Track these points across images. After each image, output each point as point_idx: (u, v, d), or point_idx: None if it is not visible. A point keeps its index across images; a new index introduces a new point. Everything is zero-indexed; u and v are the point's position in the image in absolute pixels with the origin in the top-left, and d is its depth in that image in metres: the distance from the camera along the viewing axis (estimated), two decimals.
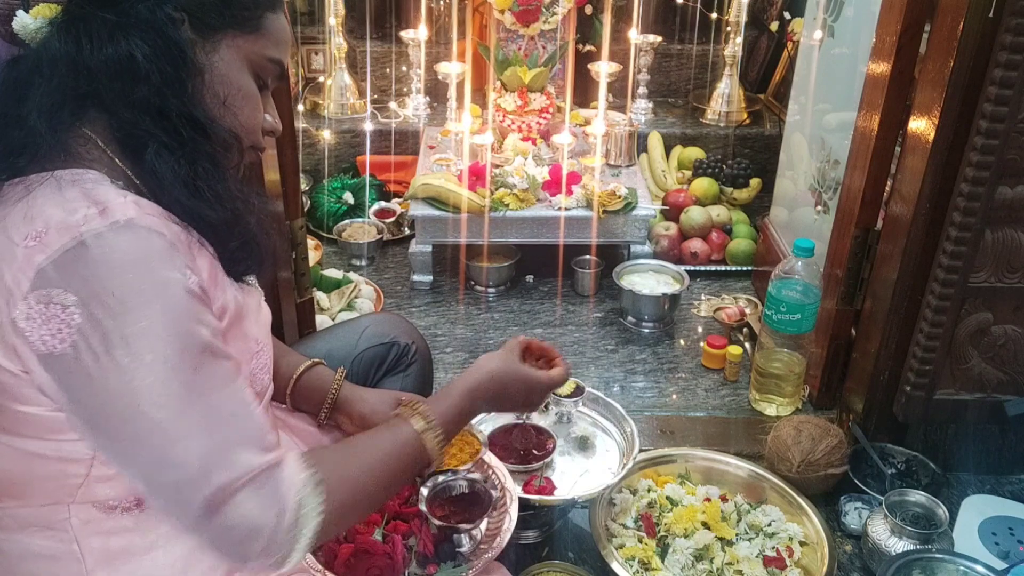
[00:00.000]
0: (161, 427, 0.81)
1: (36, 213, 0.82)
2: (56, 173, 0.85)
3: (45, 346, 0.80)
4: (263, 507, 0.83)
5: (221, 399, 0.85)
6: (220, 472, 0.81)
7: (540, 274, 2.60)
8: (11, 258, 0.80)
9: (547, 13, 2.80)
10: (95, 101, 0.88)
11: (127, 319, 0.80)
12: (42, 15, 0.93)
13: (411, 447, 1.03)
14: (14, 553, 0.94)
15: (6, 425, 0.87)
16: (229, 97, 0.93)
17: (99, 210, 0.81)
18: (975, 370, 1.70)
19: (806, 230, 2.17)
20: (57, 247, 0.79)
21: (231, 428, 0.84)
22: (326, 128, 3.05)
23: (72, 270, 0.79)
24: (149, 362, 0.80)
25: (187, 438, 0.81)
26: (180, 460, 0.81)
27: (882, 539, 1.56)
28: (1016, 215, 1.55)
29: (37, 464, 0.88)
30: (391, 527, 1.22)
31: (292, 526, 0.84)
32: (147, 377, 0.80)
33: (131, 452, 0.82)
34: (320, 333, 1.57)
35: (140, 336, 0.80)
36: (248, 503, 0.82)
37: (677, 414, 2.01)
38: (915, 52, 1.65)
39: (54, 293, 0.79)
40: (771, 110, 3.22)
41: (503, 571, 1.22)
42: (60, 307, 0.79)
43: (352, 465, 0.94)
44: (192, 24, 0.90)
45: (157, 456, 0.81)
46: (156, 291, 0.81)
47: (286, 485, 0.85)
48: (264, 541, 0.83)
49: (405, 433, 1.03)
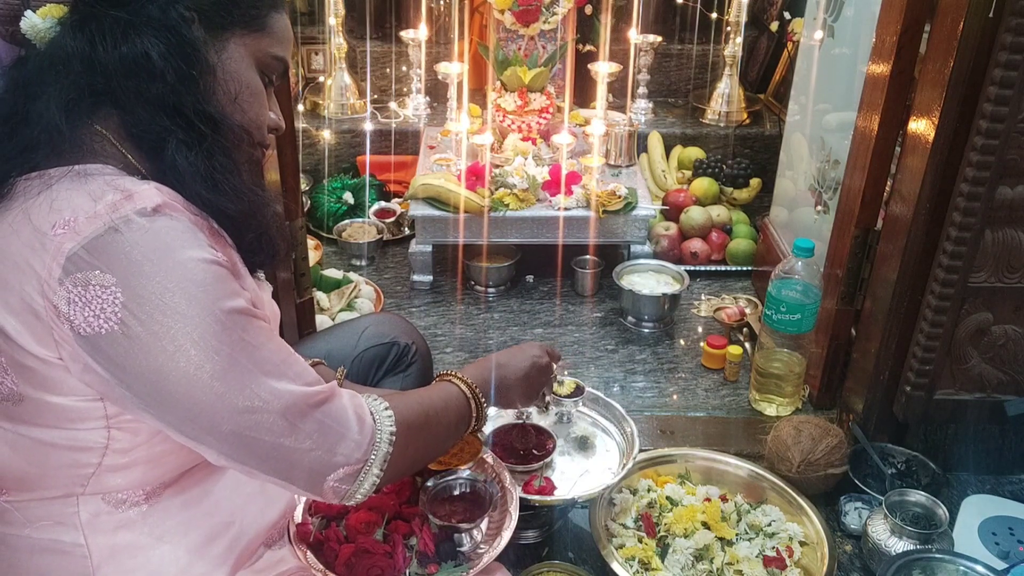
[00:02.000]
0: (228, 386, 0.85)
1: (62, 204, 0.83)
2: (76, 167, 0.87)
3: (91, 327, 0.81)
4: (350, 412, 0.93)
5: (271, 351, 0.89)
6: (303, 394, 0.89)
7: (540, 274, 2.60)
8: (40, 248, 0.82)
9: (547, 13, 2.80)
10: (109, 99, 0.90)
11: (168, 293, 0.82)
12: (51, 15, 0.94)
13: (459, 402, 1.13)
14: (22, 548, 0.95)
15: (25, 415, 0.88)
16: (240, 94, 0.95)
17: (125, 196, 0.83)
18: (975, 370, 1.70)
19: (806, 230, 2.17)
20: (88, 233, 0.81)
21: (292, 370, 0.90)
22: (326, 128, 3.05)
23: (106, 253, 0.81)
24: (199, 325, 0.83)
25: (258, 388, 0.86)
26: (257, 403, 0.86)
27: (882, 539, 1.56)
28: (1016, 215, 1.55)
29: (51, 454, 0.90)
30: (392, 527, 1.22)
31: (371, 439, 0.93)
32: (199, 342, 0.83)
33: (197, 414, 0.85)
34: (320, 333, 1.57)
35: (185, 306, 0.82)
36: (339, 406, 0.92)
37: (677, 414, 2.01)
38: (915, 52, 1.65)
39: (92, 275, 0.81)
40: (771, 110, 3.22)
41: (503, 571, 1.22)
42: (100, 287, 0.81)
43: (415, 404, 1.04)
44: (202, 23, 0.92)
45: (228, 408, 0.85)
46: (190, 267, 0.83)
47: (360, 401, 0.95)
48: (349, 445, 0.91)
49: (454, 391, 1.13)
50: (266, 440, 0.87)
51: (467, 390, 1.14)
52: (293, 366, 0.91)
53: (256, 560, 1.08)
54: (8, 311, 0.84)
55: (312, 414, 0.89)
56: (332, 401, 0.92)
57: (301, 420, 0.88)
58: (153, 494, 0.96)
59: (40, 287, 0.82)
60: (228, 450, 0.87)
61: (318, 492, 0.92)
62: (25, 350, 0.84)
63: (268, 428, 0.86)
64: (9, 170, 0.89)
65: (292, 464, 0.89)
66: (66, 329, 0.82)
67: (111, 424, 0.89)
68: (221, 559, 1.02)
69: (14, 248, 0.84)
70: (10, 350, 0.85)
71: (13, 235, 0.84)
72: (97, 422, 0.88)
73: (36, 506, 0.93)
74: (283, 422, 0.87)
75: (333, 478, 0.91)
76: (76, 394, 0.86)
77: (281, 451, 0.88)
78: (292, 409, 0.88)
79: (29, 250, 0.82)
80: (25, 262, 0.82)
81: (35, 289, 0.82)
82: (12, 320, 0.83)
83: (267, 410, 0.86)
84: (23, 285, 0.82)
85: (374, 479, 0.94)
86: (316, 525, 1.20)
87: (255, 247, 0.99)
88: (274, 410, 0.87)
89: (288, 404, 0.88)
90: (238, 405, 0.85)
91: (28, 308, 0.83)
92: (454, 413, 1.12)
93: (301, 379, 0.91)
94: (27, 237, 0.83)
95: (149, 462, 0.94)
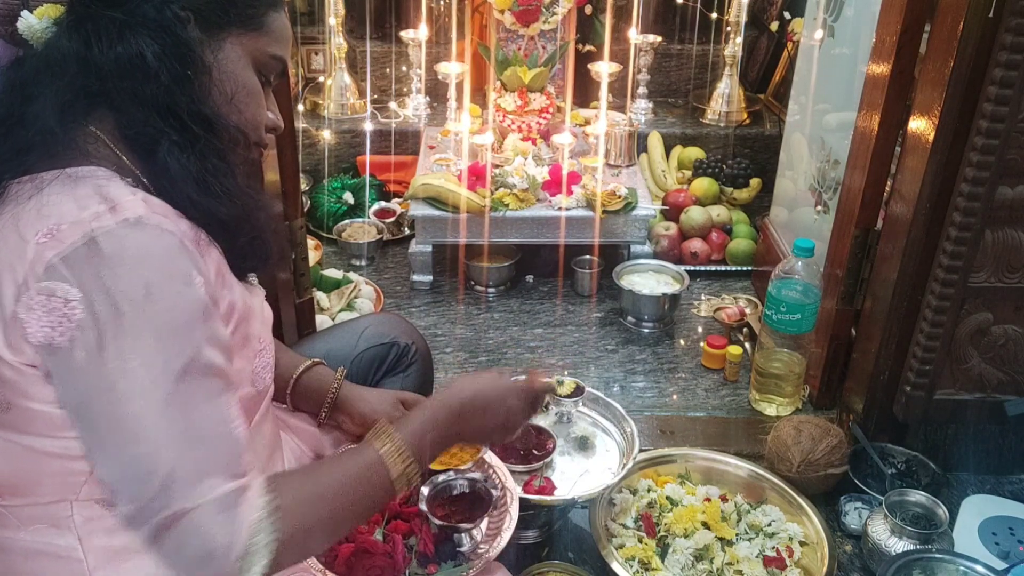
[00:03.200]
0: (135, 437, 0.80)
1: (50, 210, 0.83)
2: (67, 170, 0.86)
3: (44, 337, 0.80)
4: (217, 532, 0.80)
5: (202, 416, 0.83)
6: (182, 493, 0.80)
7: (540, 274, 2.60)
8: (22, 255, 0.81)
9: (547, 13, 2.80)
10: (104, 99, 0.89)
11: (124, 320, 0.80)
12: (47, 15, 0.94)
13: (375, 471, 0.95)
14: (17, 551, 0.94)
15: (16, 423, 0.87)
16: (236, 94, 0.94)
17: (109, 207, 0.82)
18: (975, 370, 1.70)
19: (806, 230, 2.17)
20: (68, 243, 0.80)
21: (205, 449, 0.82)
22: (326, 128, 3.05)
23: (81, 266, 0.80)
24: (135, 367, 0.80)
25: (159, 450, 0.80)
26: (148, 471, 0.80)
27: (882, 539, 1.56)
28: (1016, 215, 1.55)
29: (44, 462, 0.89)
30: (391, 527, 1.22)
31: (243, 554, 0.81)
32: (132, 383, 0.80)
33: (104, 455, 0.82)
34: (320, 333, 1.57)
35: (135, 339, 0.80)
36: (203, 527, 0.80)
37: (677, 414, 2.01)
38: (915, 52, 1.65)
39: (58, 287, 0.79)
40: (771, 110, 3.22)
41: (503, 571, 1.22)
42: (62, 301, 0.79)
43: (312, 491, 0.89)
44: (198, 22, 0.91)
45: (126, 464, 0.80)
46: (160, 292, 0.82)
47: (244, 512, 0.82)
48: (215, 566, 0.80)
49: (369, 456, 0.96)
50: (146, 527, 0.80)
51: (393, 458, 0.97)
52: (220, 441, 0.84)
53: None
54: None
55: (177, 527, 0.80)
56: (224, 510, 0.81)
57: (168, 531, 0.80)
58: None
59: (16, 294, 0.81)
60: (116, 508, 0.84)
61: None
62: (1, 357, 0.83)
63: (146, 513, 0.80)
64: (2, 173, 0.88)
65: (170, 551, 0.82)
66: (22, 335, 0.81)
67: None
68: None
69: (2, 255, 0.83)
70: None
71: (1, 241, 0.84)
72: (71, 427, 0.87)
73: (31, 510, 0.93)
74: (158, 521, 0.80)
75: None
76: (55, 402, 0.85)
77: (153, 542, 0.81)
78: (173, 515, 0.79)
79: (14, 257, 0.82)
80: (9, 268, 0.82)
81: (12, 296, 0.81)
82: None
83: (154, 495, 0.80)
84: (3, 291, 0.82)
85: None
86: None
87: (247, 251, 0.98)
88: (160, 495, 0.79)
89: (173, 508, 0.79)
90: (137, 467, 0.80)
91: (4, 315, 0.82)
92: (367, 491, 0.95)
93: (221, 463, 0.83)
94: (13, 243, 0.82)
95: None
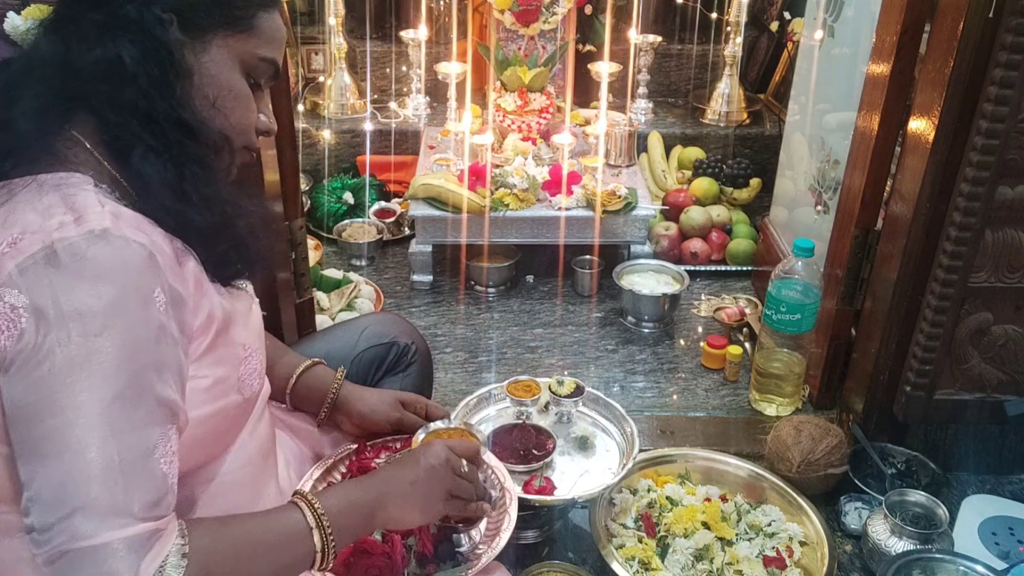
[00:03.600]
0: (61, 451, 0.77)
1: (15, 219, 0.81)
2: (39, 177, 0.84)
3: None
4: (119, 570, 0.76)
5: (129, 444, 0.80)
6: (90, 526, 0.76)
7: (540, 274, 2.60)
8: None
9: (547, 13, 2.80)
10: (84, 103, 0.88)
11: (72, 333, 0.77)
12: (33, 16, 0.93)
13: (296, 537, 0.93)
14: (7, 559, 0.93)
15: None
16: (219, 98, 0.92)
17: (74, 217, 0.80)
18: (975, 370, 1.70)
19: (806, 230, 2.17)
20: (27, 252, 0.78)
21: (125, 482, 0.79)
22: (326, 128, 3.05)
23: (36, 275, 0.78)
24: (72, 382, 0.77)
25: (80, 474, 0.77)
26: (62, 496, 0.77)
27: (882, 539, 1.56)
28: (1016, 215, 1.55)
29: None
30: None
31: None
32: (67, 397, 0.77)
33: (30, 463, 0.79)
34: (320, 333, 1.57)
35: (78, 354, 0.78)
36: (106, 563, 0.76)
37: (677, 414, 2.01)
38: (915, 52, 1.65)
39: (8, 293, 0.78)
40: (771, 110, 3.22)
41: (503, 571, 1.22)
42: (9, 307, 0.78)
43: (227, 542, 0.86)
44: (181, 25, 0.89)
45: (46, 479, 0.77)
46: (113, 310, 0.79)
47: (152, 556, 0.78)
48: None
49: (293, 521, 0.93)
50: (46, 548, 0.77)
51: (312, 519, 0.94)
52: (146, 475, 0.80)
53: None
54: None
55: (77, 562, 0.76)
56: (134, 551, 0.78)
57: (61, 562, 0.76)
58: None
59: None
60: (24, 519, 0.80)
61: None
62: None
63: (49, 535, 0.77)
64: None
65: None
66: None
67: None
68: None
69: None
70: None
71: None
72: None
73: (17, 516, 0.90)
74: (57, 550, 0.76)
75: None
76: None
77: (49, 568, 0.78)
78: (72, 545, 0.76)
79: None
80: None
81: None
82: None
83: (60, 518, 0.76)
84: None
85: None
86: None
87: (227, 259, 0.96)
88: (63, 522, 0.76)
89: (78, 541, 0.76)
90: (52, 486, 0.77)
91: None
92: (288, 552, 0.92)
93: (139, 501, 0.79)
94: None
95: None
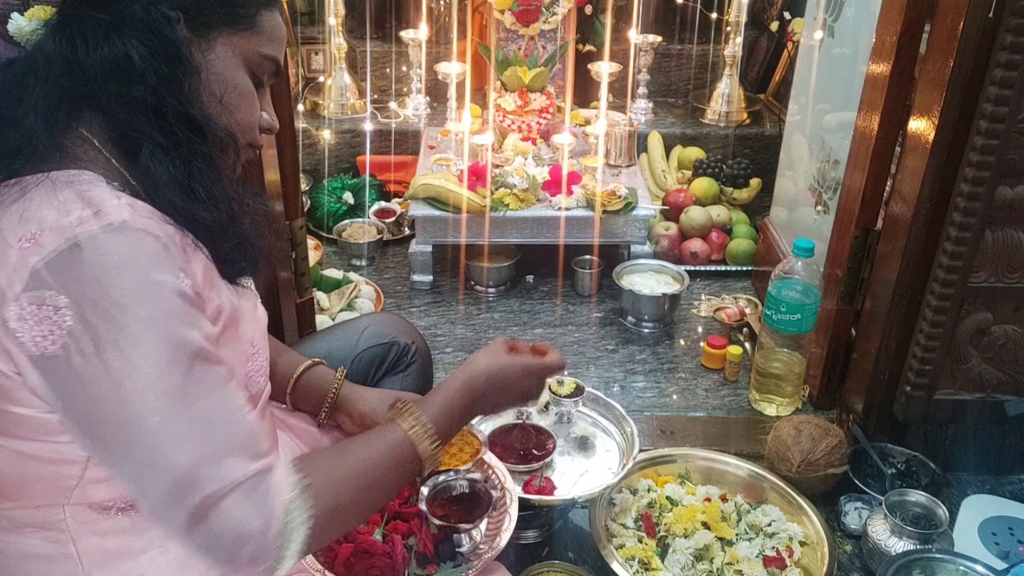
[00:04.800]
0: (151, 432, 0.80)
1: (31, 215, 0.82)
2: (52, 174, 0.85)
3: (37, 347, 0.79)
4: (251, 514, 0.82)
5: (212, 404, 0.84)
6: (208, 479, 0.81)
7: (540, 274, 2.60)
8: (4, 260, 0.80)
9: (547, 13, 2.80)
10: (91, 102, 0.88)
11: (118, 322, 0.79)
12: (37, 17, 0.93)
13: (402, 449, 1.00)
14: (10, 554, 0.94)
15: (2, 427, 0.86)
16: (226, 95, 0.93)
17: (93, 211, 0.81)
18: (975, 370, 1.70)
19: (806, 230, 2.17)
20: (51, 248, 0.79)
21: (221, 434, 0.83)
22: (326, 128, 3.05)
23: (65, 271, 0.79)
24: (140, 365, 0.80)
25: (177, 443, 0.80)
26: (169, 465, 0.80)
27: (882, 539, 1.56)
28: (1016, 215, 1.55)
29: (32, 466, 0.88)
30: (391, 527, 1.22)
31: (280, 533, 0.83)
32: (137, 381, 0.80)
33: (121, 455, 0.82)
34: (320, 333, 1.57)
35: (131, 339, 0.80)
36: (236, 510, 0.81)
37: (677, 414, 2.01)
38: (915, 52, 1.65)
39: (47, 295, 0.79)
40: (771, 110, 3.22)
41: (503, 571, 1.22)
42: (52, 308, 0.79)
43: (341, 469, 0.93)
44: (187, 23, 0.90)
45: (146, 461, 0.81)
46: (148, 294, 0.81)
47: (274, 492, 0.84)
48: (252, 548, 0.82)
49: (396, 435, 1.00)
50: (175, 523, 0.81)
51: (417, 434, 1.01)
52: (236, 426, 0.85)
53: None
54: None
55: (211, 516, 0.81)
56: (254, 491, 0.83)
57: (202, 520, 0.81)
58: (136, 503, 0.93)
59: (2, 299, 0.80)
60: (142, 507, 0.84)
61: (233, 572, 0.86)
62: None
63: (175, 506, 0.81)
64: None
65: (197, 549, 0.83)
66: (14, 345, 0.80)
67: None
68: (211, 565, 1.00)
69: None
70: None
71: None
72: (72, 436, 0.86)
73: (23, 513, 0.92)
74: (190, 512, 0.80)
75: (243, 568, 0.84)
76: (38, 408, 0.84)
77: (187, 534, 0.82)
78: (203, 503, 0.80)
79: None
80: None
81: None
82: None
83: (179, 487, 0.80)
84: None
85: (292, 562, 0.86)
86: None
87: (233, 256, 0.97)
88: (185, 486, 0.80)
89: (202, 495, 0.80)
90: (161, 463, 0.80)
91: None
92: (395, 469, 0.99)
93: (240, 447, 0.84)
94: None
95: None
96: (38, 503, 0.91)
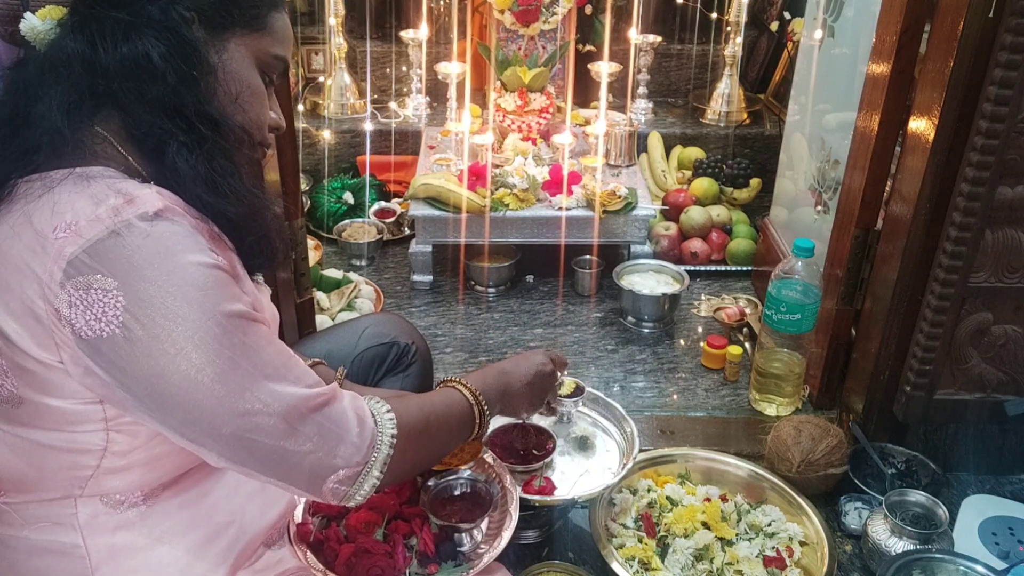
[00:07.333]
0: (242, 387, 0.86)
1: (64, 207, 0.83)
2: (77, 170, 0.87)
3: (92, 331, 0.81)
4: (348, 412, 0.93)
5: (271, 355, 0.89)
6: (302, 394, 0.89)
7: (540, 274, 2.60)
8: (42, 251, 0.82)
9: (547, 13, 2.80)
10: (110, 100, 0.90)
11: (169, 297, 0.82)
12: (51, 17, 0.94)
13: (462, 409, 1.12)
14: (20, 549, 0.95)
15: (24, 418, 0.88)
16: (241, 94, 0.95)
17: (127, 200, 0.84)
18: (975, 370, 1.70)
19: (806, 230, 2.17)
20: (90, 237, 0.81)
21: (292, 373, 0.90)
22: (326, 128, 3.05)
23: (108, 257, 0.81)
24: (200, 328, 0.83)
25: (253, 387, 0.86)
26: (258, 406, 0.86)
27: (882, 539, 1.56)
28: (1016, 215, 1.55)
29: (49, 456, 0.90)
30: (392, 527, 1.22)
31: (371, 445, 0.93)
32: (200, 346, 0.83)
33: (198, 417, 0.85)
34: (320, 333, 1.57)
35: (186, 309, 0.82)
36: (344, 414, 0.92)
37: (677, 414, 2.01)
38: (915, 52, 1.65)
39: (94, 279, 0.81)
40: (771, 110, 3.22)
41: (503, 571, 1.22)
42: (102, 291, 0.81)
43: (416, 408, 1.03)
44: (202, 23, 0.92)
45: (228, 411, 0.85)
46: (191, 271, 0.84)
47: (361, 403, 0.96)
48: (350, 445, 0.91)
49: (457, 397, 1.13)
50: (266, 443, 0.87)
51: (471, 397, 1.13)
52: (293, 369, 0.91)
53: (256, 560, 1.08)
54: (8, 314, 0.84)
55: (312, 417, 0.89)
56: (332, 404, 0.92)
57: (301, 423, 0.88)
58: (151, 495, 0.96)
59: (41, 290, 0.82)
60: (228, 452, 0.88)
61: (317, 493, 0.92)
62: (25, 353, 0.84)
63: (268, 431, 0.86)
64: (10, 172, 0.89)
65: (292, 466, 0.89)
66: (67, 332, 0.82)
67: (110, 427, 0.89)
68: (220, 559, 1.02)
69: (15, 251, 0.84)
70: (11, 353, 0.85)
71: (14, 238, 0.84)
72: (96, 425, 0.88)
73: (34, 507, 0.94)
74: (283, 425, 0.87)
75: (333, 480, 0.91)
76: (76, 397, 0.86)
77: (281, 453, 0.88)
78: (292, 412, 0.88)
79: (30, 253, 0.83)
80: (26, 265, 0.82)
81: (36, 292, 0.82)
82: (12, 323, 0.84)
83: (267, 413, 0.86)
84: (24, 288, 0.82)
85: (374, 481, 0.94)
86: (316, 525, 1.20)
87: (255, 250, 0.99)
88: (274, 413, 0.87)
89: (288, 407, 0.88)
90: (238, 408, 0.85)
91: (29, 311, 0.83)
92: (456, 420, 1.11)
93: (301, 382, 0.91)
94: (28, 240, 0.83)
95: (147, 464, 0.94)
96: (52, 495, 0.93)
